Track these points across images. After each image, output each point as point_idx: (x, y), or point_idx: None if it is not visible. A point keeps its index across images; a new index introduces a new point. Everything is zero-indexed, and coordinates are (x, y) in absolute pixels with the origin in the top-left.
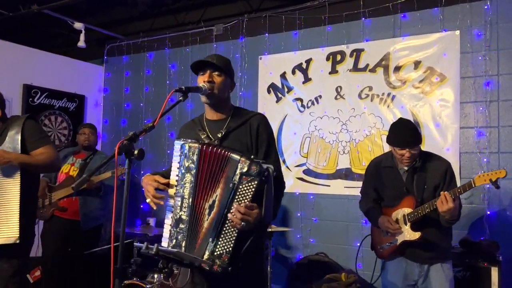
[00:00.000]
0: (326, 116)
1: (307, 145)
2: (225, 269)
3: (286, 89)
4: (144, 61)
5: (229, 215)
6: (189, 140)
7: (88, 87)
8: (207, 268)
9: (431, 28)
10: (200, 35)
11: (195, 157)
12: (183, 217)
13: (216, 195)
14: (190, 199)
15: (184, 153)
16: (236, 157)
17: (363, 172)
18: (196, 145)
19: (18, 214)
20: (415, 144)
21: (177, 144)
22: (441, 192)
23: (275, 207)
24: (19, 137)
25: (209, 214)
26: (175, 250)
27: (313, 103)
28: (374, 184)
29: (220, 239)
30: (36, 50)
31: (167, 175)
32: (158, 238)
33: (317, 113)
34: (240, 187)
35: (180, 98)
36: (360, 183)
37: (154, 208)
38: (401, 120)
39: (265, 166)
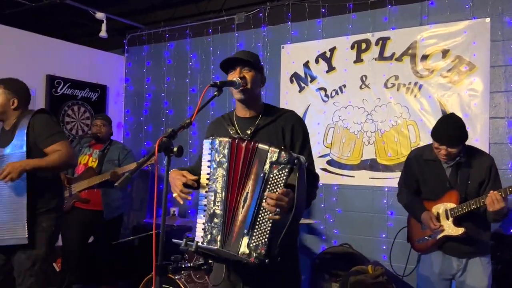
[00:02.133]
0: (350, 106)
1: (331, 136)
2: (262, 261)
3: (309, 79)
4: (165, 50)
5: (263, 204)
6: (218, 137)
7: (110, 77)
8: (244, 261)
9: (460, 16)
10: (221, 24)
11: (226, 151)
12: (217, 211)
13: (249, 187)
14: (223, 193)
15: (215, 148)
16: (265, 147)
17: (388, 163)
18: (227, 139)
19: (25, 215)
20: (454, 144)
21: (206, 143)
22: (491, 192)
23: (310, 196)
24: (25, 133)
25: (243, 207)
26: (215, 247)
27: (337, 93)
28: (416, 176)
29: (255, 231)
30: (58, 40)
31: (193, 171)
32: (183, 229)
33: (341, 102)
34: (271, 176)
35: (215, 93)
36: (386, 174)
37: (181, 203)
38: (449, 116)
39: (295, 154)
